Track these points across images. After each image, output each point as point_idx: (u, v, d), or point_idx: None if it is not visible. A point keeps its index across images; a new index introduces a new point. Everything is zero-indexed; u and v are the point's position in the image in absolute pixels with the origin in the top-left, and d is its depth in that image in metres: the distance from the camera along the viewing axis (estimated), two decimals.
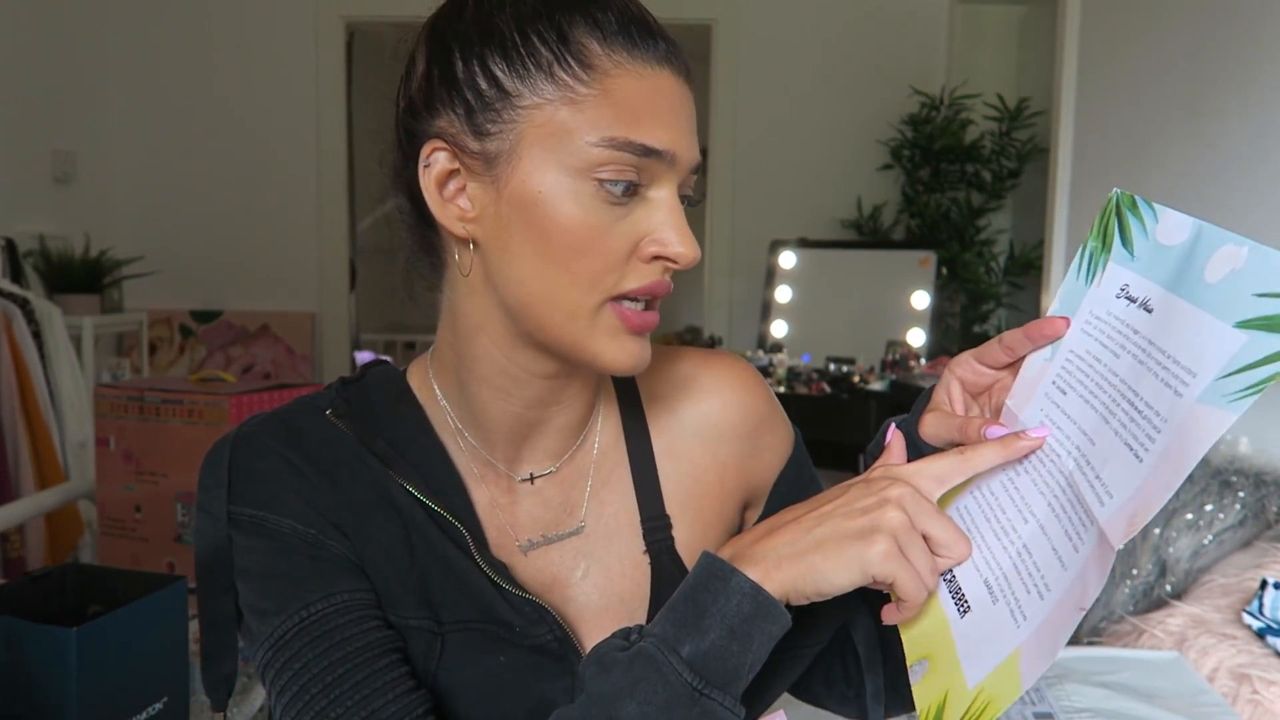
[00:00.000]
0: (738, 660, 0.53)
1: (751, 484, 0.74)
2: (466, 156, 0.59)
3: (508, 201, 0.58)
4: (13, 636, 0.91)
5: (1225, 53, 2.02)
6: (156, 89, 3.49)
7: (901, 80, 3.32)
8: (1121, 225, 0.57)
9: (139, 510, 1.80)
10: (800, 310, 3.30)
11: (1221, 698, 1.21)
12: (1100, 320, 0.56)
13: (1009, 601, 0.54)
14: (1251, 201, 1.94)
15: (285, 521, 0.62)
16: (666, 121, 0.58)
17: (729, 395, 0.72)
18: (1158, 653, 1.33)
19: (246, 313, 3.60)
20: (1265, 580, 1.35)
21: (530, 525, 0.68)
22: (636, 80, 0.58)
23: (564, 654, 0.65)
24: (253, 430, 0.65)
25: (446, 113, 0.60)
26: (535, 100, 0.57)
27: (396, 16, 3.74)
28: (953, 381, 0.64)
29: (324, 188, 3.56)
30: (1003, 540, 0.56)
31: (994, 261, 3.29)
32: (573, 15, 0.58)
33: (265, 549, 0.62)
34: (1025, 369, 0.61)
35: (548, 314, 0.59)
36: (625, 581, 0.69)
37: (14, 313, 2.45)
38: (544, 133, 0.57)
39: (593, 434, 0.70)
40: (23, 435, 2.40)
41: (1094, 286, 0.58)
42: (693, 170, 0.61)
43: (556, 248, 0.57)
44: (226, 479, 0.64)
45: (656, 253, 0.59)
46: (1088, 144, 2.57)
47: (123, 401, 1.78)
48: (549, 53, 0.57)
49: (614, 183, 0.57)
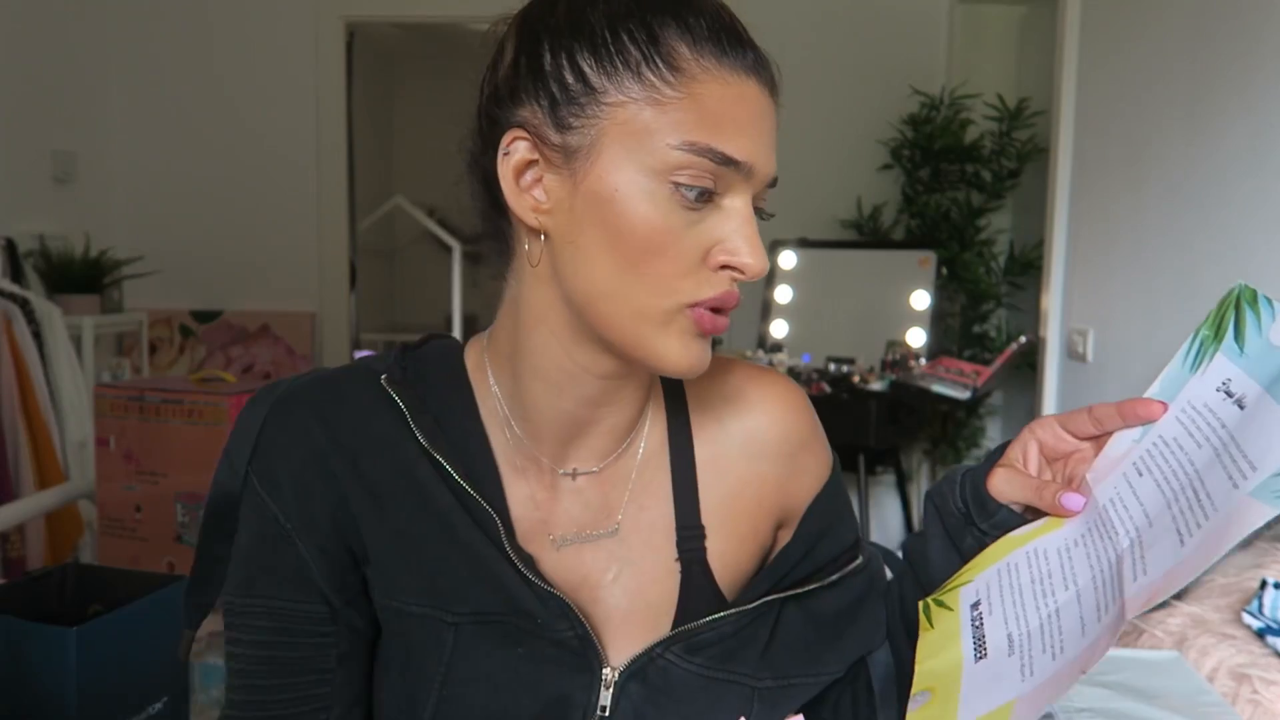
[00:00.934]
0: None
1: (787, 504, 0.74)
2: (546, 148, 0.59)
3: (583, 196, 0.58)
4: (13, 636, 0.91)
5: (1225, 53, 2.02)
6: (156, 89, 3.49)
7: (901, 80, 3.32)
8: (1238, 318, 0.57)
9: (139, 510, 1.80)
10: (800, 310, 3.30)
11: (1221, 698, 1.21)
12: (1195, 411, 0.56)
13: (1023, 656, 0.55)
14: (1251, 201, 1.94)
15: (273, 509, 0.65)
16: (748, 132, 0.58)
17: (776, 413, 0.73)
18: (1158, 652, 1.33)
19: (246, 313, 3.60)
20: (1265, 580, 1.35)
21: (566, 522, 0.68)
22: (722, 87, 0.58)
23: (584, 651, 0.65)
24: (296, 393, 0.67)
25: (530, 103, 0.60)
26: (620, 98, 0.57)
27: (396, 16, 3.75)
28: (1031, 442, 0.64)
29: (324, 188, 3.56)
30: (1039, 601, 0.57)
31: (994, 261, 3.29)
32: (665, 17, 0.58)
33: (250, 524, 0.66)
34: (1112, 445, 0.60)
35: (614, 311, 0.60)
36: (655, 588, 0.69)
37: (14, 313, 2.45)
38: (625, 131, 0.57)
39: (639, 437, 0.70)
40: (23, 435, 2.40)
41: (1198, 375, 0.57)
42: (769, 184, 0.61)
43: (627, 246, 0.58)
44: (255, 439, 0.65)
45: (725, 261, 0.59)
46: (1088, 144, 2.57)
47: (123, 401, 1.78)
48: (638, 52, 0.57)
49: (689, 187, 0.57)
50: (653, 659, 0.66)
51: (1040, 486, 0.60)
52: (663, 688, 0.66)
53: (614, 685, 0.65)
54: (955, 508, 0.66)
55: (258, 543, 0.65)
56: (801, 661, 0.69)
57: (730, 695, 0.67)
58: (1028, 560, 0.59)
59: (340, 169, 3.57)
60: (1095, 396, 2.53)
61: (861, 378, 2.88)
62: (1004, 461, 0.64)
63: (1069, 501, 0.58)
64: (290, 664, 0.66)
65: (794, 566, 0.71)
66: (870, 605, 0.73)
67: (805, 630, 0.70)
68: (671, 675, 0.66)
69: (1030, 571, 0.58)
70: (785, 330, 3.29)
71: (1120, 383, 2.43)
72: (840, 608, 0.72)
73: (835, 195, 3.43)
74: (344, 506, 0.65)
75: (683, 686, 0.66)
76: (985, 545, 0.64)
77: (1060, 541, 0.58)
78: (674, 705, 0.66)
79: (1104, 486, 0.58)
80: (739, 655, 0.67)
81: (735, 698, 0.67)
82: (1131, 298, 2.37)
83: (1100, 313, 2.52)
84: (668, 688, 0.66)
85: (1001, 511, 0.63)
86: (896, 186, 3.40)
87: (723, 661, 0.67)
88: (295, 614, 0.65)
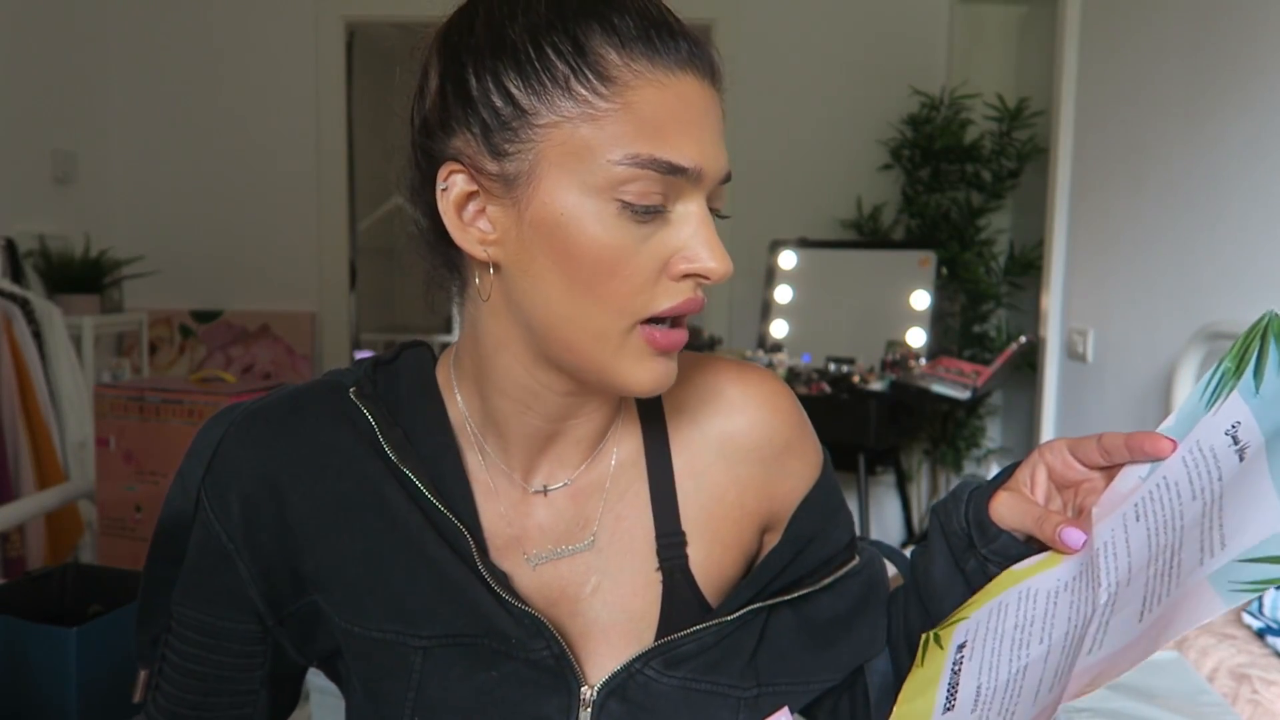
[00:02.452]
0: None
1: (772, 508, 0.71)
2: (484, 178, 0.57)
3: (529, 224, 0.56)
4: (13, 636, 0.91)
5: (1225, 53, 2.02)
6: (156, 89, 3.49)
7: (901, 80, 3.32)
8: (1261, 352, 0.52)
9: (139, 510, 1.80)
10: (800, 310, 3.30)
11: (1221, 698, 1.21)
12: (1201, 454, 0.51)
13: (983, 713, 0.52)
14: (1252, 201, 1.94)
15: (218, 527, 0.64)
16: (692, 134, 0.55)
17: (756, 414, 0.69)
18: (1158, 653, 1.33)
19: (246, 313, 3.60)
20: None
21: (540, 538, 0.66)
22: (658, 90, 0.55)
23: (560, 671, 0.63)
24: (256, 413, 0.65)
25: (462, 132, 0.57)
26: (553, 118, 0.55)
27: (396, 16, 3.74)
28: (1039, 466, 0.61)
29: (324, 188, 3.56)
30: (1013, 653, 0.54)
31: (994, 261, 3.29)
32: (588, 23, 0.55)
33: (197, 538, 0.65)
34: (1121, 480, 0.56)
35: (574, 337, 0.57)
36: (635, 599, 0.66)
37: (14, 313, 2.45)
38: (564, 152, 0.54)
39: (610, 446, 0.68)
40: (23, 435, 2.40)
41: (1211, 414, 0.53)
42: (721, 181, 0.59)
43: (582, 271, 0.55)
44: (209, 460, 0.64)
45: (687, 270, 0.57)
46: (1088, 144, 2.57)
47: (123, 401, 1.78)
48: (565, 66, 0.54)
49: (637, 204, 0.55)
50: (632, 675, 0.63)
51: (1042, 517, 0.57)
52: (644, 704, 0.63)
53: (593, 704, 0.63)
54: (959, 527, 0.64)
55: (200, 557, 0.65)
56: (791, 669, 0.67)
57: (716, 707, 0.65)
58: (1018, 601, 0.56)
59: (340, 169, 3.57)
60: (1095, 396, 2.53)
61: (861, 378, 2.88)
62: (1010, 485, 0.61)
63: (1069, 537, 0.55)
64: (213, 679, 0.66)
65: (781, 570, 0.68)
66: (869, 612, 0.71)
67: (797, 636, 0.68)
68: (652, 690, 0.64)
69: (1016, 615, 0.55)
70: (785, 330, 3.29)
71: (1120, 383, 2.43)
72: (836, 614, 0.69)
73: (835, 195, 3.43)
74: (297, 529, 0.63)
75: (665, 701, 0.64)
76: (987, 570, 0.62)
77: (1053, 582, 0.55)
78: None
79: (1103, 526, 0.54)
80: (723, 666, 0.65)
81: (721, 709, 0.65)
82: (1131, 298, 2.37)
83: (1100, 313, 2.52)
84: (649, 704, 0.63)
85: (1002, 538, 0.61)
86: (896, 186, 3.40)
87: (706, 673, 0.64)
88: (225, 631, 0.65)
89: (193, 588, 0.66)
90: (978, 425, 3.34)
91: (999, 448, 3.36)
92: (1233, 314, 1.98)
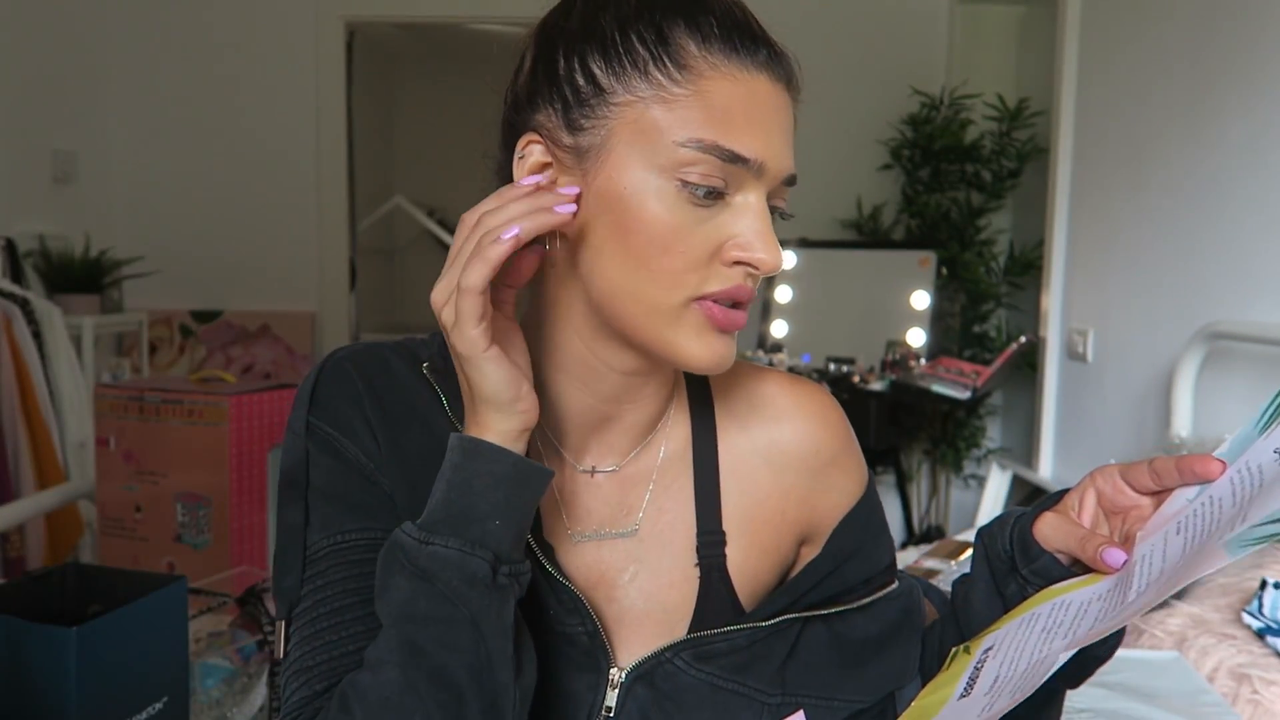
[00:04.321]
0: (464, 504, 0.56)
1: (812, 519, 0.72)
2: (560, 150, 0.60)
3: (595, 196, 0.59)
4: (13, 636, 0.91)
5: (1225, 53, 2.02)
6: (156, 89, 3.49)
7: (901, 80, 3.32)
8: None
9: (139, 510, 1.80)
10: (800, 310, 3.30)
11: (1221, 698, 1.21)
12: (1248, 472, 0.52)
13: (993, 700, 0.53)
14: (1252, 201, 1.94)
15: (351, 447, 0.64)
16: (758, 129, 0.58)
17: (803, 425, 0.71)
18: (1158, 653, 1.33)
19: (246, 313, 3.60)
20: (1265, 580, 1.35)
21: (584, 518, 0.68)
22: (731, 84, 0.58)
23: (592, 649, 0.65)
24: (346, 357, 0.67)
25: (545, 107, 0.61)
26: (628, 98, 0.58)
27: (397, 16, 3.74)
28: (1090, 490, 0.61)
29: (324, 188, 3.56)
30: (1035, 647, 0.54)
31: (994, 261, 3.29)
32: (674, 17, 0.59)
33: (328, 467, 0.64)
34: (1170, 503, 0.56)
35: (629, 308, 0.60)
36: (672, 592, 0.68)
37: (14, 313, 2.45)
38: (634, 130, 0.58)
39: (660, 437, 0.70)
40: (23, 435, 2.40)
41: (1264, 437, 0.53)
42: (785, 181, 0.61)
43: (638, 244, 0.58)
44: (309, 399, 0.65)
45: (739, 258, 0.59)
46: (1088, 144, 2.57)
47: (123, 401, 1.78)
48: (646, 52, 0.58)
49: (698, 185, 0.57)
50: (660, 663, 0.65)
51: (1085, 538, 0.57)
52: (670, 693, 0.65)
53: (620, 686, 0.65)
54: (1002, 549, 0.63)
55: (337, 481, 0.64)
56: (818, 683, 0.68)
57: (739, 707, 0.66)
58: (1050, 610, 0.56)
59: (340, 169, 3.57)
60: (1095, 396, 2.53)
61: (861, 378, 2.88)
62: (1058, 508, 0.61)
63: (1110, 557, 0.55)
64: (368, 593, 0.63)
65: (818, 583, 0.69)
66: (902, 639, 0.71)
67: (828, 652, 0.68)
68: (679, 681, 0.65)
69: (1047, 620, 0.56)
70: (785, 330, 3.29)
71: (1120, 383, 2.43)
72: (868, 635, 0.70)
73: (835, 195, 3.43)
74: (392, 462, 0.64)
75: (691, 694, 0.65)
76: (1026, 593, 0.61)
77: (1090, 594, 0.55)
78: (681, 712, 0.65)
79: (1144, 545, 0.54)
80: (753, 669, 0.66)
81: (745, 710, 0.66)
82: (1131, 298, 2.37)
83: (1100, 313, 2.52)
84: (675, 694, 0.65)
85: (1044, 558, 0.60)
86: (896, 186, 3.40)
87: (734, 673, 0.66)
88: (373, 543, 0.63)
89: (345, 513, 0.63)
90: (978, 425, 3.34)
91: (999, 448, 3.36)
92: (1233, 314, 1.98)
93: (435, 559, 0.55)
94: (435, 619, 0.55)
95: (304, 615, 0.62)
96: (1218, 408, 2.06)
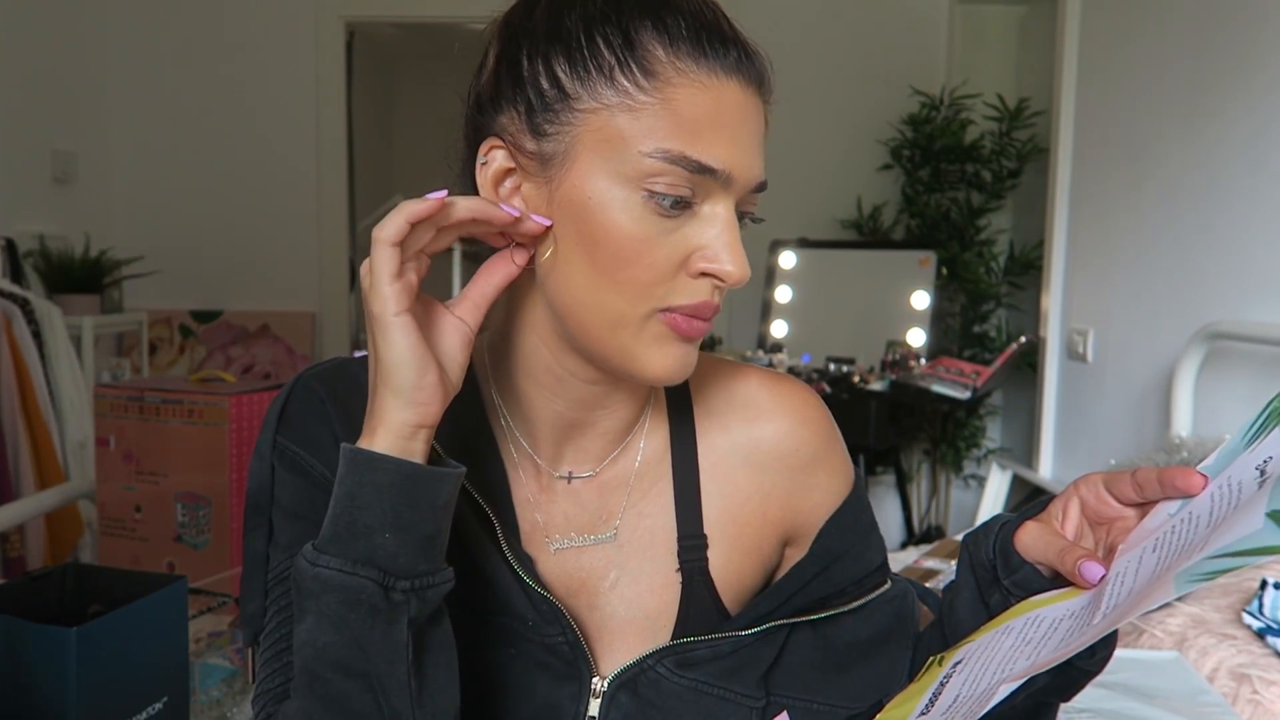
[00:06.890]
0: (349, 519, 0.53)
1: (795, 520, 0.70)
2: (523, 156, 0.58)
3: (559, 204, 0.57)
4: (13, 636, 0.91)
5: (1225, 53, 2.02)
6: (156, 89, 3.49)
7: (901, 80, 3.32)
8: None
9: (139, 510, 1.80)
10: (800, 310, 3.30)
11: (1221, 698, 1.21)
12: (1228, 489, 0.50)
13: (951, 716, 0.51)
14: (1251, 201, 1.94)
15: (318, 465, 0.63)
16: (726, 138, 0.56)
17: (785, 423, 0.69)
18: (1158, 653, 1.33)
19: (246, 313, 3.60)
20: (1265, 580, 1.35)
21: (563, 525, 0.67)
22: (699, 91, 0.56)
23: (574, 659, 0.64)
24: (314, 377, 0.66)
25: (509, 110, 0.59)
26: (594, 104, 0.56)
27: (397, 16, 3.74)
28: (1073, 499, 0.59)
29: (324, 188, 3.56)
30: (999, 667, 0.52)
31: (994, 261, 3.29)
32: (641, 19, 0.56)
33: (295, 486, 0.63)
34: (1152, 517, 0.55)
35: (591, 320, 0.58)
36: (654, 598, 0.67)
37: (14, 313, 2.45)
38: (599, 138, 0.56)
39: (637, 442, 0.68)
40: (23, 435, 2.40)
41: (1249, 451, 0.51)
42: (755, 189, 0.60)
43: (603, 255, 0.56)
44: (276, 420, 0.64)
45: (705, 269, 0.57)
46: (1088, 144, 2.57)
47: (123, 401, 1.78)
48: (612, 56, 0.56)
49: (664, 196, 0.55)
50: (643, 670, 0.64)
51: (1065, 549, 0.55)
52: (654, 701, 0.64)
53: (603, 695, 0.64)
54: (986, 558, 0.62)
55: (304, 501, 0.63)
56: (800, 684, 0.67)
57: (725, 713, 0.65)
58: (1023, 625, 0.55)
59: (340, 169, 3.57)
60: (1095, 396, 2.53)
61: (861, 378, 2.88)
62: (1041, 517, 0.60)
63: (1088, 571, 0.53)
64: None
65: (804, 586, 0.68)
66: (891, 646, 0.70)
67: (813, 653, 0.68)
68: (663, 688, 0.64)
69: (1018, 636, 0.54)
70: (785, 330, 3.29)
71: (1120, 383, 2.43)
72: (855, 638, 0.69)
73: (835, 195, 3.43)
74: None
75: (675, 700, 0.64)
76: (1009, 604, 0.60)
77: (1064, 610, 0.53)
78: (665, 719, 0.64)
79: (1121, 560, 0.52)
80: (739, 674, 0.65)
81: (731, 716, 0.65)
82: (1131, 298, 2.37)
83: (1100, 313, 2.52)
84: (659, 701, 0.64)
85: (1025, 569, 0.59)
86: (896, 186, 3.40)
87: (719, 679, 0.65)
88: None
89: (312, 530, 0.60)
90: (978, 425, 3.34)
91: (999, 448, 3.36)
92: (1233, 314, 1.98)
93: (318, 581, 0.53)
94: (329, 644, 0.53)
95: (269, 637, 0.62)
96: (1218, 408, 2.06)
